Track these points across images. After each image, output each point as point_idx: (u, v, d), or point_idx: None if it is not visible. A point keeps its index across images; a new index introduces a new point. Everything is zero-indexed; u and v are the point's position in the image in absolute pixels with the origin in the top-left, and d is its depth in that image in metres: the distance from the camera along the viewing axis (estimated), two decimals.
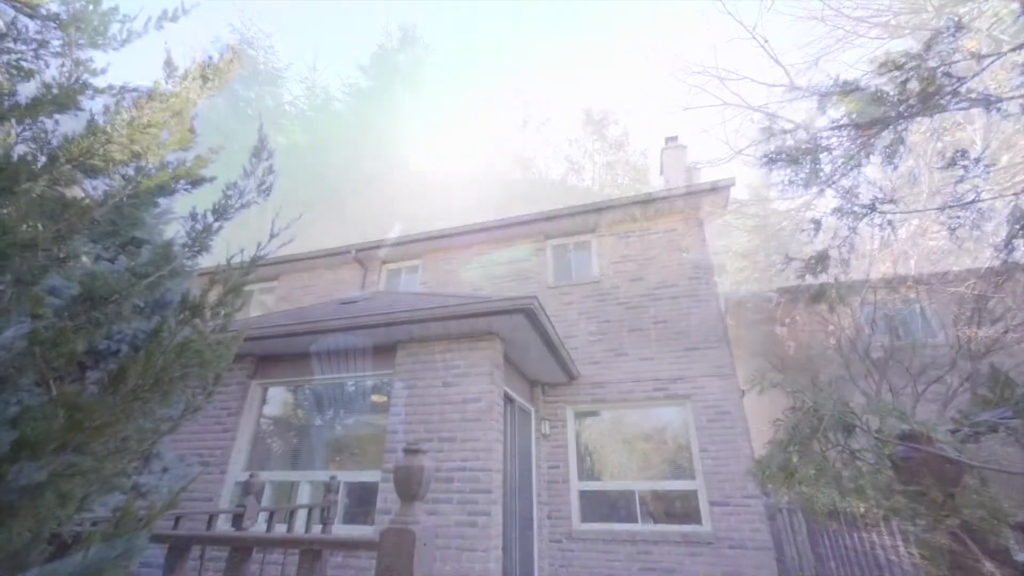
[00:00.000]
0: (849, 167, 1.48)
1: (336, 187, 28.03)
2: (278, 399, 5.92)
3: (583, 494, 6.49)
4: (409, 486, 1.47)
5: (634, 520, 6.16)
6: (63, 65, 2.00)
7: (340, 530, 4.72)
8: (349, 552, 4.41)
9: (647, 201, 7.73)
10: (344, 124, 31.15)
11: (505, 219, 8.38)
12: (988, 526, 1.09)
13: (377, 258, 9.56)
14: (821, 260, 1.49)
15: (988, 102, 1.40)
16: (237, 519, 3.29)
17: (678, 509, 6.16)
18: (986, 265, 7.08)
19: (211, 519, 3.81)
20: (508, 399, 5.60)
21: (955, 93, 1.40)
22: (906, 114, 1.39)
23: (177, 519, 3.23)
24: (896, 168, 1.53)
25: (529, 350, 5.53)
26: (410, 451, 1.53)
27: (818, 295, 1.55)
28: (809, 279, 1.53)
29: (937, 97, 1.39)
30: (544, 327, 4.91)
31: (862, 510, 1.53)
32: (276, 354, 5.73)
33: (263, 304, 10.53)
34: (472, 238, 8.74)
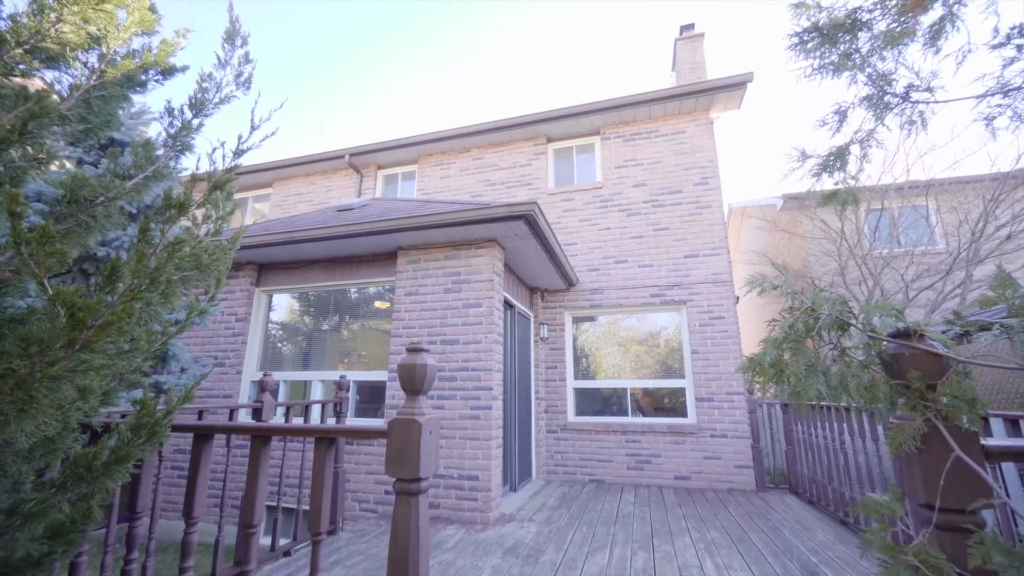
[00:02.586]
0: (888, 47, 1.31)
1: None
2: (284, 306, 6.06)
3: (578, 391, 6.95)
4: (413, 382, 1.54)
5: (625, 414, 6.67)
6: None
7: (352, 422, 5.11)
8: (361, 440, 4.83)
9: (654, 100, 7.22)
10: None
11: (504, 119, 7.90)
12: (962, 413, 1.14)
13: (372, 163, 9.20)
14: (840, 156, 1.39)
15: None
16: (256, 413, 3.53)
17: (666, 404, 6.63)
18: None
19: (232, 413, 4.10)
20: (508, 305, 5.73)
21: None
22: None
23: (200, 412, 3.48)
24: (939, 51, 1.37)
25: (529, 257, 5.53)
26: (412, 350, 1.58)
27: (830, 196, 1.48)
28: (824, 178, 1.45)
29: None
30: (544, 233, 4.86)
31: (843, 403, 1.60)
32: (278, 261, 5.76)
33: (259, 213, 10.36)
34: (470, 141, 8.32)
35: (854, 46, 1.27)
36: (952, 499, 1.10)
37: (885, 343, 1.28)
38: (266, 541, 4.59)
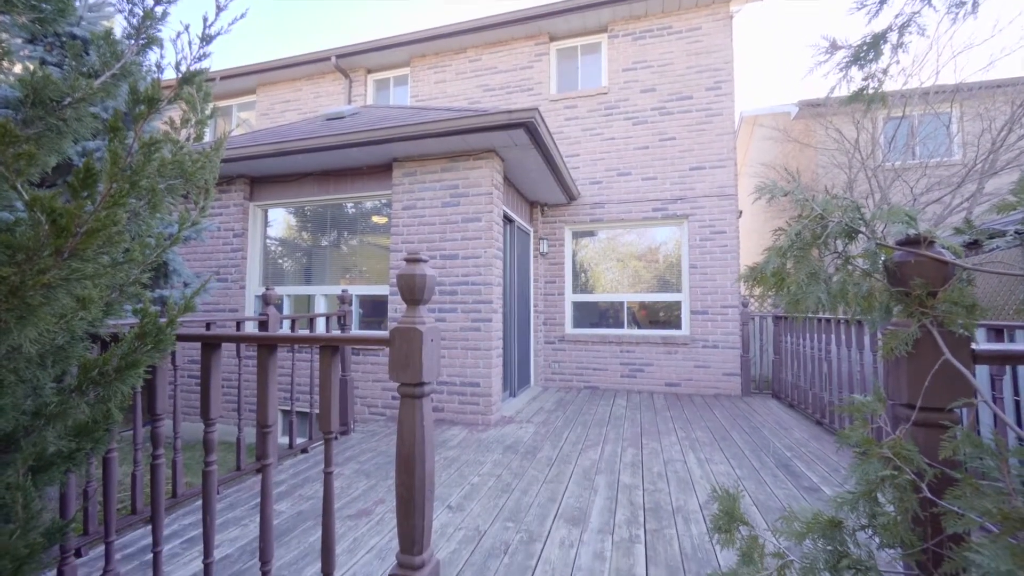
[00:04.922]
0: None
1: None
2: (281, 221, 5.96)
3: (576, 304, 7.10)
4: (412, 291, 1.54)
5: (621, 326, 6.87)
6: None
7: (355, 333, 5.28)
8: (365, 349, 5.02)
9: None
10: None
11: (503, 14, 7.16)
12: (958, 319, 1.14)
13: (361, 66, 8.52)
14: (875, 45, 1.24)
15: None
16: (262, 325, 3.62)
17: (661, 317, 6.81)
18: None
19: (238, 325, 4.22)
20: (507, 219, 5.64)
21: None
22: None
23: (208, 324, 3.57)
24: None
25: (529, 169, 5.33)
26: (411, 260, 1.56)
27: (855, 95, 1.36)
28: (854, 72, 1.31)
29: None
30: (545, 143, 4.63)
31: (839, 314, 1.61)
32: (269, 175, 5.56)
33: (244, 121, 9.81)
34: (466, 39, 7.62)
35: None
36: (934, 398, 1.15)
37: (892, 251, 1.25)
38: (285, 440, 4.97)
